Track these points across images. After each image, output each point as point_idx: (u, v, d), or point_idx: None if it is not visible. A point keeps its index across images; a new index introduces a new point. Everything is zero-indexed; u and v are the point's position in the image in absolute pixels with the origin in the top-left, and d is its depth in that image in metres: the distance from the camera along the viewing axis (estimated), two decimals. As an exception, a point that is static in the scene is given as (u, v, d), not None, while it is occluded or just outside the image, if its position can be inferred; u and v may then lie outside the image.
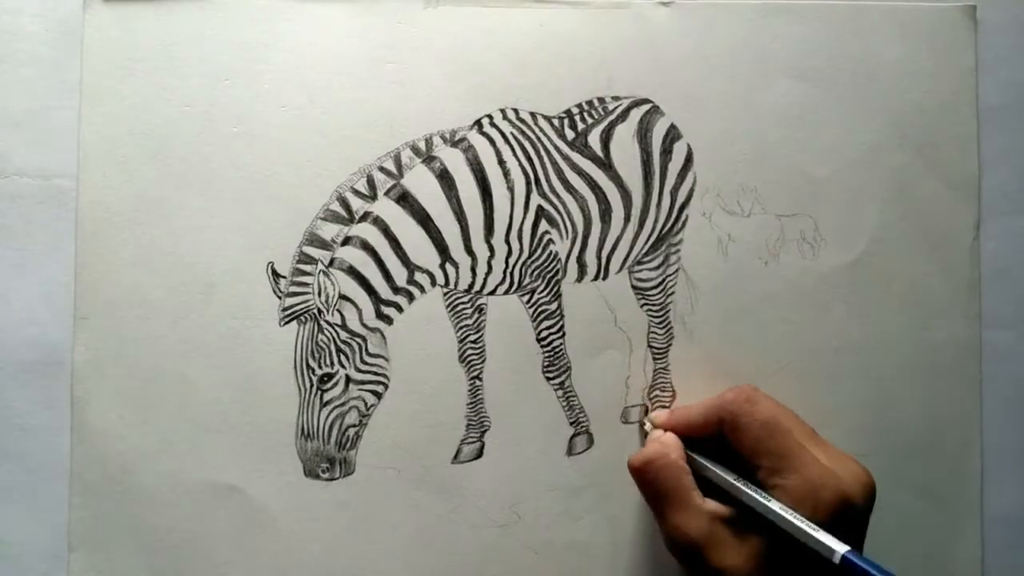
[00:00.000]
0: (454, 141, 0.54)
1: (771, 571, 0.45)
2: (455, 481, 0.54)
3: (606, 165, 0.55)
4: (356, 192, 0.53)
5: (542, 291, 0.54)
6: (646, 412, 0.55)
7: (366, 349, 0.53)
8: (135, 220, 0.53)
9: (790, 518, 0.44)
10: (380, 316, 0.54)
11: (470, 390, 0.54)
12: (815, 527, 0.44)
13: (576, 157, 0.55)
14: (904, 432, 0.55)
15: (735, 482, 0.47)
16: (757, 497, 0.46)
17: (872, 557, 0.42)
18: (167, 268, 0.53)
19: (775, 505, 0.45)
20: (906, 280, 0.56)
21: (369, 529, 0.53)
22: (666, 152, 0.55)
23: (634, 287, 0.55)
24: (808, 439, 0.47)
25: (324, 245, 0.53)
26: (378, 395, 0.53)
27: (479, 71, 0.54)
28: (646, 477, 0.49)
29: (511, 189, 0.54)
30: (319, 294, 0.53)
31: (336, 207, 0.53)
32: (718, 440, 0.49)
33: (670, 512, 0.47)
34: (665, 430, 0.51)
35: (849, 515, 0.45)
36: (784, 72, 0.55)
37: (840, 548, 0.42)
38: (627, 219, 0.55)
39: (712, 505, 0.47)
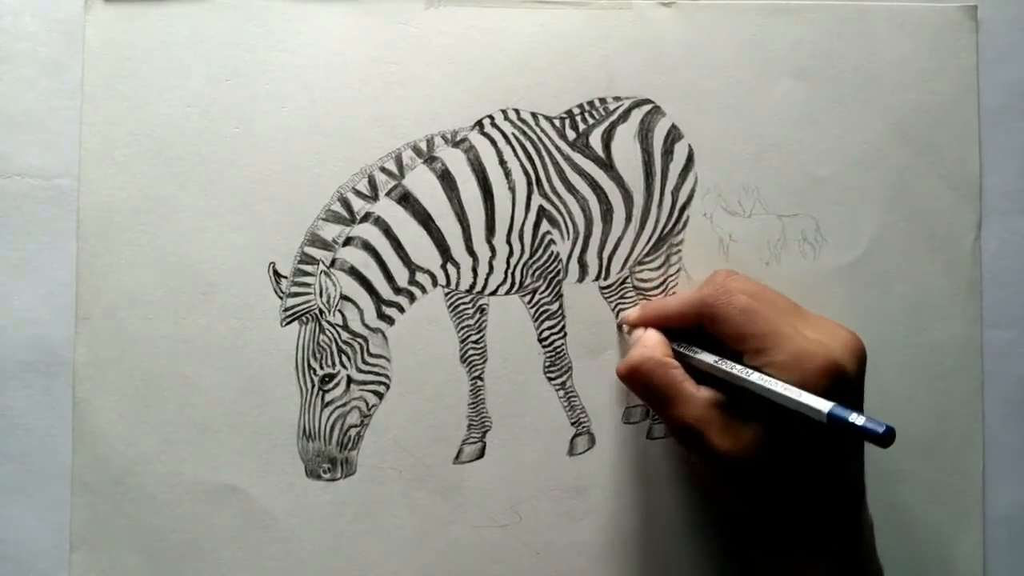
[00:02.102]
0: (455, 141, 0.54)
1: (771, 449, 0.46)
2: (456, 481, 0.54)
3: (607, 165, 0.55)
4: (357, 192, 0.53)
5: (543, 291, 0.54)
6: (647, 412, 0.55)
7: (367, 349, 0.53)
8: (136, 220, 0.53)
9: (773, 387, 0.44)
10: (381, 316, 0.54)
11: (471, 390, 0.54)
12: (798, 391, 0.43)
13: (577, 157, 0.55)
14: (905, 432, 0.55)
15: (718, 363, 0.47)
16: (740, 375, 0.46)
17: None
18: (168, 268, 0.53)
19: (757, 377, 0.45)
20: (907, 280, 0.56)
21: (370, 529, 0.53)
22: (667, 152, 0.55)
23: (635, 287, 0.55)
24: (792, 315, 0.48)
25: (325, 245, 0.53)
26: (379, 395, 0.53)
27: (480, 71, 0.54)
28: (636, 381, 0.49)
29: (512, 189, 0.54)
30: (320, 294, 0.53)
31: (337, 207, 0.53)
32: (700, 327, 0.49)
33: (666, 408, 0.48)
34: (644, 327, 0.52)
35: (841, 382, 0.45)
36: (785, 72, 0.55)
37: (824, 406, 0.42)
38: (628, 219, 0.55)
39: (706, 392, 0.47)
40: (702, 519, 0.54)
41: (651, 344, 0.50)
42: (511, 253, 0.54)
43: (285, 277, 0.53)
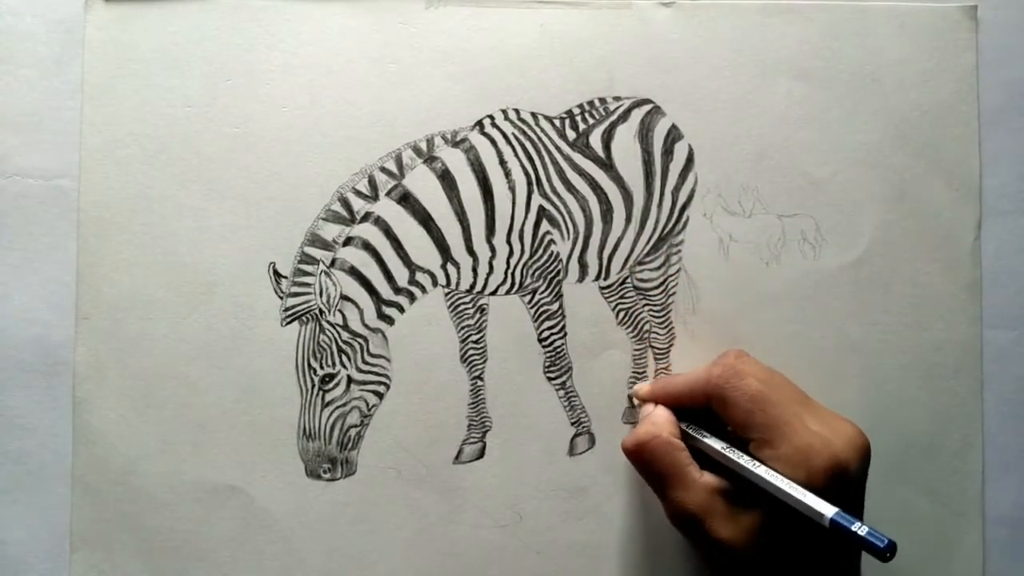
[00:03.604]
0: (455, 141, 0.54)
1: (770, 542, 0.45)
2: (456, 481, 0.54)
3: (607, 165, 0.55)
4: (357, 192, 0.53)
5: (543, 291, 0.54)
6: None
7: (368, 349, 0.53)
8: (136, 220, 0.53)
9: (779, 483, 0.44)
10: (382, 316, 0.54)
11: (471, 390, 0.54)
12: (803, 491, 0.43)
13: (577, 157, 0.55)
14: (905, 432, 0.55)
15: (726, 452, 0.47)
16: (747, 466, 0.46)
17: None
18: (168, 268, 0.53)
19: (763, 471, 0.45)
20: (907, 280, 0.56)
21: (370, 529, 0.53)
22: (667, 152, 0.55)
23: (635, 287, 0.55)
24: (799, 405, 0.47)
25: (325, 245, 0.53)
26: (380, 395, 0.53)
27: (480, 71, 0.54)
28: (641, 459, 0.49)
29: (512, 189, 0.54)
30: (321, 294, 0.53)
31: (337, 207, 0.53)
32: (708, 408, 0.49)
33: (668, 490, 0.48)
34: (653, 402, 0.51)
35: (843, 480, 0.45)
36: (785, 72, 0.55)
37: (828, 511, 0.42)
38: (628, 219, 0.55)
39: (709, 478, 0.47)
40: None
41: (660, 422, 0.50)
42: (511, 253, 0.54)
43: (285, 277, 0.53)
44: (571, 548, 0.54)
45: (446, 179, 0.54)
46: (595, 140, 0.55)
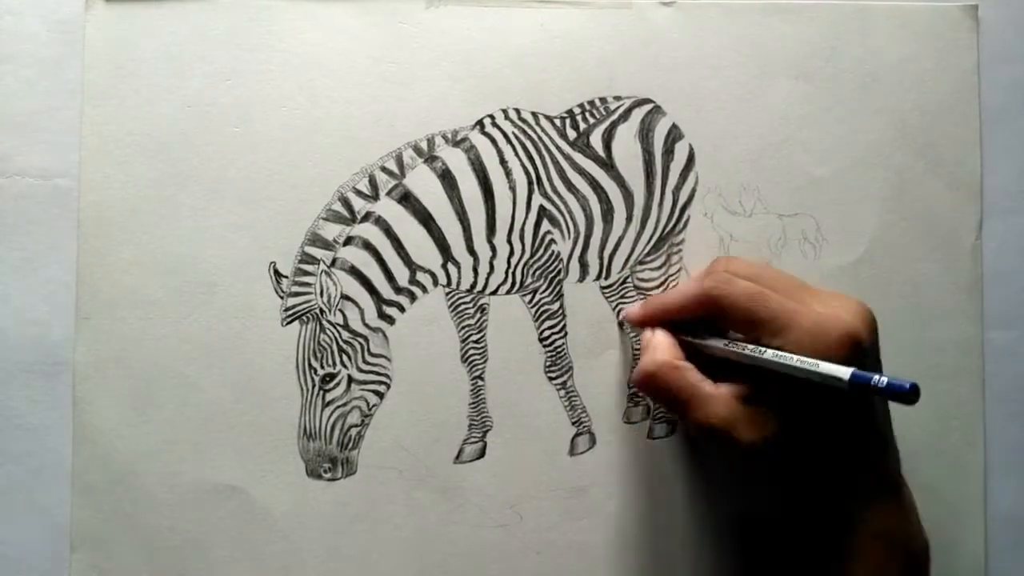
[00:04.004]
0: (456, 141, 0.54)
1: (798, 430, 0.45)
2: (457, 481, 0.54)
3: (608, 165, 0.55)
4: (358, 192, 0.53)
5: (544, 291, 0.54)
6: (647, 412, 0.55)
7: (368, 349, 0.53)
8: (136, 220, 0.53)
9: (790, 361, 0.44)
10: (382, 316, 0.54)
11: (472, 390, 0.54)
12: (816, 362, 0.43)
13: (578, 157, 0.55)
14: (907, 431, 0.55)
15: (734, 348, 0.47)
16: (754, 353, 0.46)
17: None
18: (169, 268, 0.53)
19: (771, 354, 0.45)
20: (908, 280, 0.56)
21: (371, 529, 0.53)
22: (668, 152, 0.55)
23: (636, 287, 0.55)
24: (799, 291, 0.47)
25: (326, 245, 0.53)
26: (380, 395, 0.53)
27: (481, 71, 0.54)
28: (653, 388, 0.49)
29: (513, 189, 0.54)
30: (321, 294, 0.53)
31: (338, 207, 0.53)
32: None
33: (687, 412, 0.47)
34: (649, 326, 0.51)
35: (859, 351, 0.44)
36: (786, 72, 0.55)
37: (846, 372, 0.42)
38: (629, 219, 0.55)
39: (724, 389, 0.47)
40: (702, 518, 0.54)
41: (662, 348, 0.49)
42: (512, 253, 0.54)
43: (286, 277, 0.53)
44: (571, 548, 0.54)
45: (447, 178, 0.54)
46: (596, 140, 0.55)
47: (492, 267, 0.54)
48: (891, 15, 0.56)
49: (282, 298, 0.53)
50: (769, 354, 0.45)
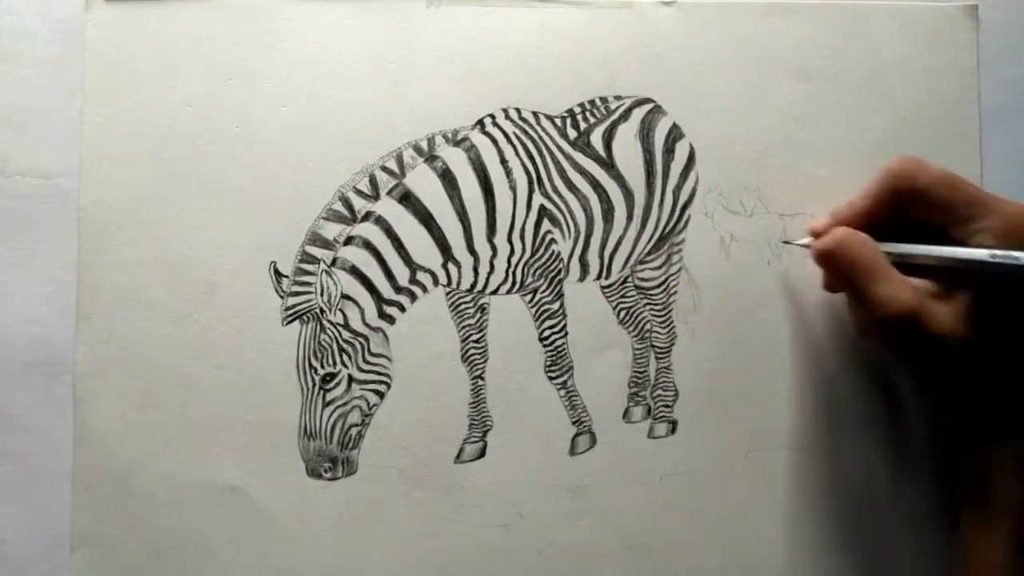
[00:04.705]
0: (456, 140, 0.54)
1: (989, 329, 0.44)
2: (457, 481, 0.54)
3: (608, 164, 0.55)
4: (358, 192, 0.53)
5: (544, 290, 0.54)
6: (647, 412, 0.55)
7: (368, 349, 0.53)
8: (137, 220, 0.53)
9: (989, 255, 0.43)
10: (382, 315, 0.54)
11: (472, 390, 0.54)
12: (1017, 253, 0.43)
13: (578, 156, 0.55)
14: (907, 431, 0.55)
15: (919, 249, 0.46)
16: (954, 252, 0.45)
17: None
18: (169, 268, 0.53)
19: (971, 250, 0.44)
20: (908, 279, 0.55)
21: (371, 529, 0.53)
22: (668, 151, 0.55)
23: (636, 287, 0.55)
24: (982, 190, 0.46)
25: (326, 244, 0.53)
26: (380, 395, 0.53)
27: (481, 71, 0.54)
28: (840, 255, 0.47)
29: (513, 188, 0.54)
30: (321, 294, 0.53)
31: (338, 207, 0.53)
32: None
33: (875, 285, 0.46)
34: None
35: None
36: (786, 72, 0.55)
37: None
38: (629, 218, 0.55)
39: (914, 280, 0.46)
40: (702, 518, 0.54)
41: (850, 229, 0.48)
42: (512, 252, 0.54)
43: (286, 276, 0.53)
44: (571, 548, 0.54)
45: (447, 178, 0.54)
46: (596, 139, 0.55)
47: (492, 267, 0.54)
48: (891, 15, 0.56)
49: (282, 298, 0.53)
50: (967, 250, 0.44)
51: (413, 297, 0.54)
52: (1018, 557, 0.45)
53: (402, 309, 0.54)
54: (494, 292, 0.54)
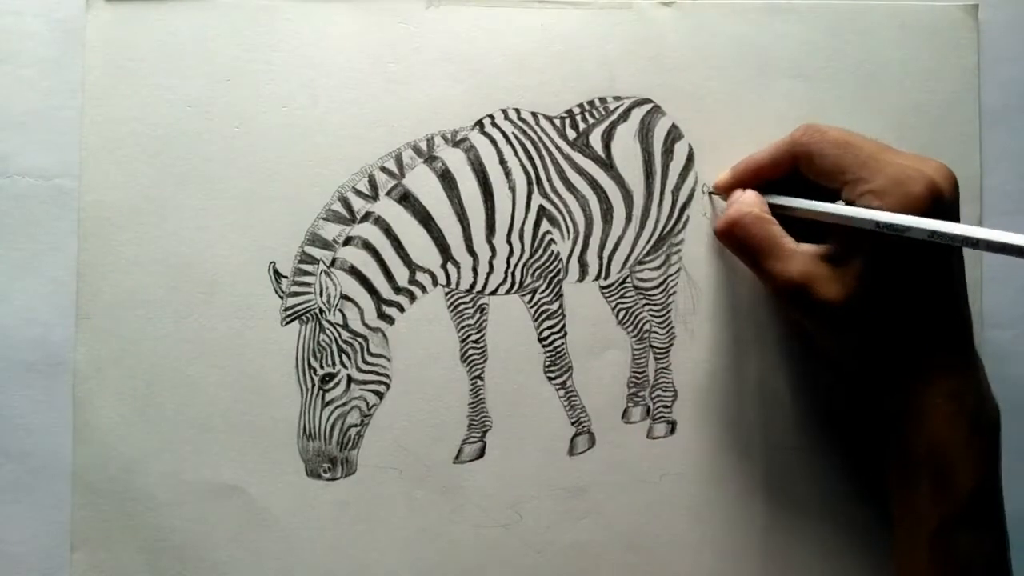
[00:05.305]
0: (455, 141, 0.54)
1: (877, 285, 0.46)
2: (457, 481, 0.54)
3: (607, 165, 0.55)
4: (358, 192, 0.53)
5: (544, 291, 0.54)
6: (647, 412, 0.55)
7: (368, 349, 0.53)
8: (137, 220, 0.53)
9: (876, 216, 0.45)
10: (382, 316, 0.54)
11: (472, 390, 0.54)
12: (902, 216, 0.44)
13: (577, 157, 0.55)
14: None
15: (816, 207, 0.48)
16: (842, 211, 0.46)
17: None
18: (169, 268, 0.53)
19: (857, 209, 0.45)
20: (908, 280, 0.55)
21: (371, 529, 0.53)
22: (667, 152, 0.55)
23: (635, 287, 0.55)
24: (881, 147, 0.48)
25: (326, 245, 0.53)
26: (380, 395, 0.53)
27: (480, 71, 0.54)
28: (734, 235, 0.50)
29: (512, 189, 0.54)
30: (321, 294, 0.53)
31: (338, 207, 0.53)
32: (787, 183, 0.50)
33: (767, 262, 0.49)
34: (734, 188, 0.52)
35: (941, 204, 0.45)
36: (785, 72, 0.55)
37: (929, 223, 0.43)
38: (628, 219, 0.55)
39: (805, 246, 0.48)
40: (701, 518, 0.54)
41: (749, 201, 0.51)
42: (511, 252, 0.54)
43: (285, 277, 0.53)
44: (571, 548, 0.54)
45: (446, 178, 0.54)
46: (595, 140, 0.55)
47: (492, 267, 0.54)
48: (891, 15, 0.56)
49: (282, 298, 0.53)
50: (854, 209, 0.46)
51: (412, 297, 0.54)
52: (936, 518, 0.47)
53: (401, 309, 0.54)
54: (493, 292, 0.54)
